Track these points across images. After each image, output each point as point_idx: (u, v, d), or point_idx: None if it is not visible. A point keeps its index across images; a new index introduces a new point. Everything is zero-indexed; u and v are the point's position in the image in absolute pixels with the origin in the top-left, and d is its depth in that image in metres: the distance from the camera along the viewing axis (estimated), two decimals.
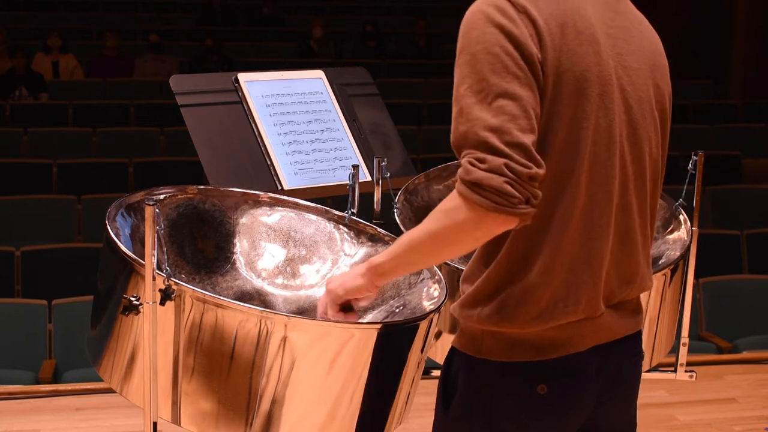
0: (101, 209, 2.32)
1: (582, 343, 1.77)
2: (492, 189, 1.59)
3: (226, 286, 2.43)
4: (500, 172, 1.59)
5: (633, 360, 1.90)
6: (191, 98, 2.88)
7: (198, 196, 2.49)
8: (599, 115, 1.71)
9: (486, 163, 1.60)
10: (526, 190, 1.61)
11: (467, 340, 1.81)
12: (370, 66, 3.73)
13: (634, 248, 1.82)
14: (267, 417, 1.97)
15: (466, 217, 1.63)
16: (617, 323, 1.83)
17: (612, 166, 1.74)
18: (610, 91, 1.73)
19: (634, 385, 1.92)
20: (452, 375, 1.84)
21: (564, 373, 1.77)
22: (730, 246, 6.04)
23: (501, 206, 1.60)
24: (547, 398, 1.76)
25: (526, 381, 1.76)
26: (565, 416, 1.80)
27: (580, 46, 1.69)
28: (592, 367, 1.79)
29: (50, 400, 3.81)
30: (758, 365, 4.36)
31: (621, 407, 1.90)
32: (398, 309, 2.31)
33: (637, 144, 1.78)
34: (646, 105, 1.80)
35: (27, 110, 8.77)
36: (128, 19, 12.25)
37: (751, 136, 8.98)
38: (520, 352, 1.75)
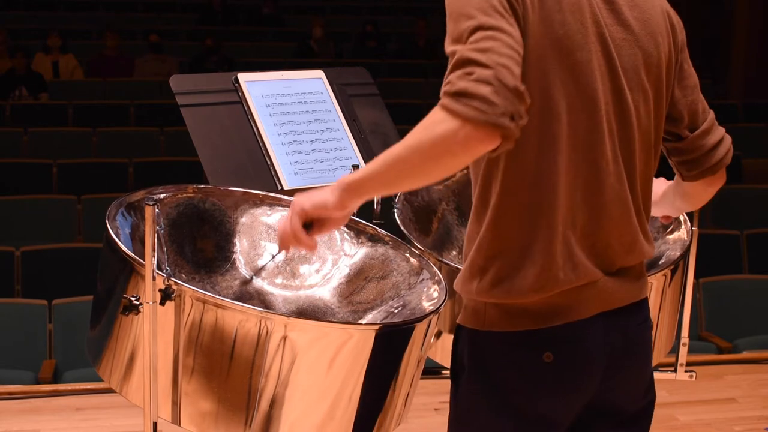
0: (101, 209, 2.32)
1: (586, 310, 1.77)
2: (477, 96, 1.54)
3: (226, 286, 2.43)
4: (487, 81, 1.54)
5: (640, 327, 1.88)
6: (191, 98, 2.88)
7: (198, 195, 2.49)
8: (579, 82, 1.71)
9: (474, 74, 1.55)
10: (511, 104, 1.55)
11: (470, 314, 1.81)
12: (370, 66, 3.73)
13: (629, 215, 1.81)
14: (266, 417, 1.98)
15: (448, 128, 1.57)
16: (620, 290, 1.82)
17: (598, 133, 1.74)
18: (593, 59, 1.72)
19: (644, 355, 1.90)
20: (459, 352, 1.84)
21: (569, 341, 1.76)
22: (730, 246, 6.04)
23: (484, 113, 1.53)
24: (554, 366, 1.75)
25: (532, 350, 1.76)
26: (574, 385, 1.79)
27: (559, 12, 1.69)
28: (598, 334, 1.78)
29: (50, 400, 3.81)
30: (758, 365, 4.36)
31: (632, 379, 1.88)
32: (397, 310, 2.32)
33: (624, 113, 1.78)
34: (634, 74, 1.79)
35: (27, 110, 8.77)
36: (128, 19, 12.25)
37: (751, 136, 8.97)
38: (524, 321, 1.75)
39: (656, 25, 1.84)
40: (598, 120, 1.74)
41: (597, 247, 1.78)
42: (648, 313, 1.93)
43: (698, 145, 1.94)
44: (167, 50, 10.40)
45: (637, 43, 1.80)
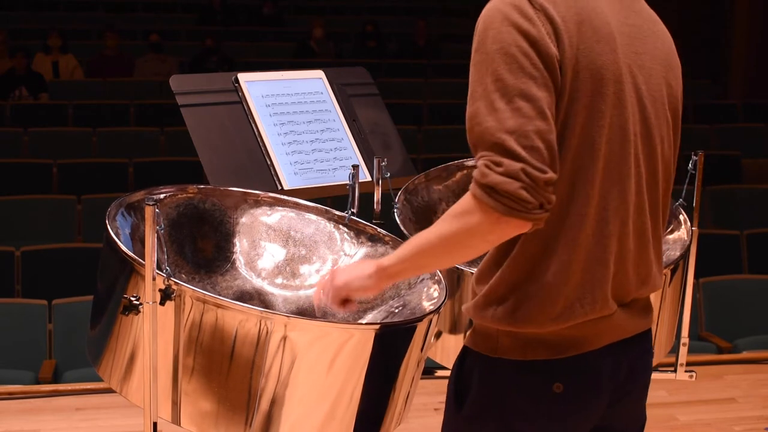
0: (101, 209, 2.32)
1: (598, 342, 1.77)
2: (507, 194, 1.59)
3: (226, 286, 2.43)
4: (516, 176, 1.59)
5: (644, 357, 1.90)
6: (191, 98, 2.88)
7: (198, 195, 2.49)
8: (614, 114, 1.71)
9: (502, 167, 1.60)
10: (541, 195, 1.61)
11: (481, 339, 1.80)
12: (370, 66, 3.73)
13: (647, 247, 1.82)
14: (266, 417, 1.98)
15: (480, 221, 1.63)
16: (629, 321, 1.83)
17: (626, 165, 1.74)
18: (625, 90, 1.73)
19: (645, 382, 1.92)
20: (465, 374, 1.84)
21: (580, 372, 1.76)
22: (730, 246, 6.04)
23: (516, 211, 1.60)
24: (563, 397, 1.75)
25: (543, 380, 1.75)
26: (581, 415, 1.79)
27: (597, 43, 1.69)
28: (607, 365, 1.79)
29: (50, 400, 3.81)
30: (758, 365, 4.36)
31: (633, 406, 1.90)
32: (398, 309, 2.31)
33: (650, 143, 1.79)
34: (660, 104, 1.80)
35: (27, 110, 8.76)
36: (128, 19, 12.24)
37: (751, 136, 8.97)
38: (537, 350, 1.75)
39: (673, 55, 1.86)
40: (628, 150, 1.74)
41: (617, 280, 1.78)
42: (651, 345, 1.95)
43: None
44: (167, 50, 10.39)
45: (662, 73, 1.81)
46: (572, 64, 1.66)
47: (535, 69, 1.63)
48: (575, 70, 1.67)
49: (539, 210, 1.61)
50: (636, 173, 1.76)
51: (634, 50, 1.76)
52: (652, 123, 1.78)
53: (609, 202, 1.73)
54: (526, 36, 1.63)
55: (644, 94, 1.77)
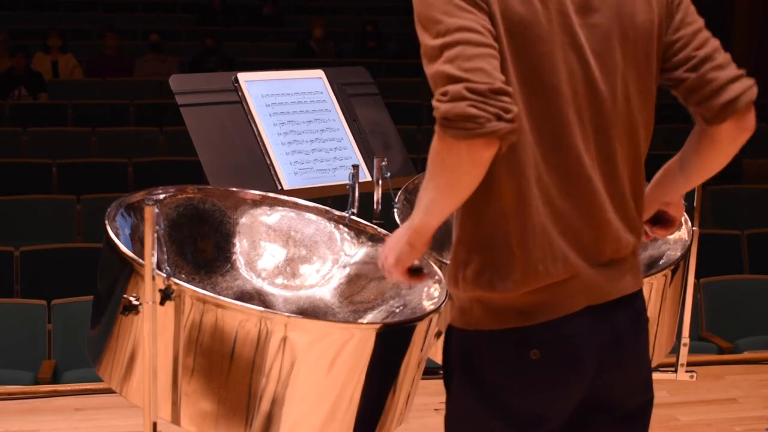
0: (101, 209, 2.32)
1: (571, 305, 1.75)
2: (458, 117, 1.58)
3: (226, 286, 2.43)
4: (460, 96, 1.58)
5: (633, 322, 1.86)
6: (191, 98, 2.88)
7: (198, 195, 2.49)
8: (543, 75, 1.70)
9: (447, 94, 1.59)
10: (492, 105, 1.57)
11: (459, 314, 1.81)
12: (370, 66, 3.73)
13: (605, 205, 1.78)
14: (267, 417, 1.97)
15: (448, 154, 1.62)
16: (608, 283, 1.80)
17: (565, 124, 1.72)
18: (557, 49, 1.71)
19: (638, 349, 1.88)
20: (450, 352, 1.84)
21: (555, 337, 1.75)
22: (730, 246, 6.04)
23: (472, 130, 1.57)
24: (542, 363, 1.74)
25: (518, 347, 1.75)
26: (564, 382, 1.78)
27: (523, 4, 1.69)
28: (586, 330, 1.77)
29: (50, 400, 3.80)
30: (759, 365, 4.35)
31: (628, 374, 1.86)
32: (398, 309, 2.31)
33: (596, 100, 1.76)
34: (609, 59, 1.76)
35: (27, 110, 8.76)
36: (128, 19, 12.24)
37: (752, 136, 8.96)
38: (509, 318, 1.75)
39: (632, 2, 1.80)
40: (564, 111, 1.72)
41: (578, 239, 1.76)
42: (642, 307, 1.90)
43: (710, 78, 1.82)
44: (167, 50, 10.39)
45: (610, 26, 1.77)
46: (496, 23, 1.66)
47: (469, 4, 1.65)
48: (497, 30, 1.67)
49: (497, 121, 1.58)
50: (581, 133, 1.74)
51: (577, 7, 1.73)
52: (599, 80, 1.75)
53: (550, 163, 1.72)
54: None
55: (587, 52, 1.74)
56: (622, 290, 1.84)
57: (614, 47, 1.78)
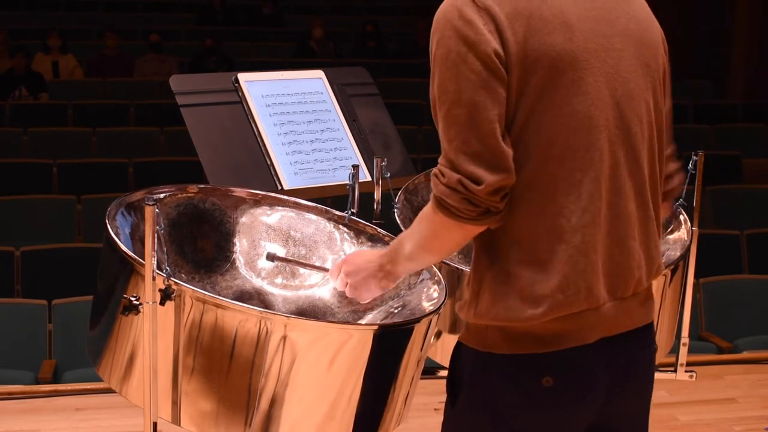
0: (101, 209, 2.32)
1: (587, 336, 1.75)
2: (450, 207, 1.70)
3: (226, 286, 2.43)
4: (455, 188, 1.68)
5: (645, 353, 1.88)
6: (191, 98, 2.88)
7: (198, 195, 2.49)
8: (575, 102, 1.70)
9: (445, 177, 1.70)
10: (484, 203, 1.68)
11: (472, 334, 1.81)
12: (370, 66, 3.73)
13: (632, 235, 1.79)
14: (266, 416, 1.97)
15: (437, 226, 1.76)
16: (624, 314, 1.80)
17: (596, 151, 1.72)
18: (586, 77, 1.71)
19: (647, 379, 1.90)
20: (459, 370, 1.84)
21: (570, 366, 1.75)
22: (730, 246, 6.03)
23: (462, 218, 1.70)
24: (553, 391, 1.75)
25: (531, 374, 1.75)
26: (573, 410, 1.78)
27: (549, 35, 1.69)
28: (600, 360, 1.77)
29: (50, 400, 3.81)
30: (758, 365, 4.36)
31: (635, 403, 1.88)
32: (397, 310, 2.31)
33: (624, 127, 1.76)
34: (634, 86, 1.78)
35: (27, 110, 8.76)
36: (128, 19, 12.25)
37: (751, 136, 8.97)
38: (525, 344, 1.74)
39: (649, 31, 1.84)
40: (595, 136, 1.73)
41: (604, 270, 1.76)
42: (653, 338, 1.92)
43: None
44: (167, 50, 10.40)
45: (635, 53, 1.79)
46: (520, 60, 1.67)
47: (475, 74, 1.67)
48: (524, 65, 1.67)
49: (486, 215, 1.69)
50: (611, 159, 1.74)
51: (601, 34, 1.75)
52: (626, 107, 1.76)
53: (582, 191, 1.72)
54: (466, 41, 1.67)
55: (614, 78, 1.75)
56: (637, 322, 1.85)
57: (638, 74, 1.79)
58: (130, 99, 8.99)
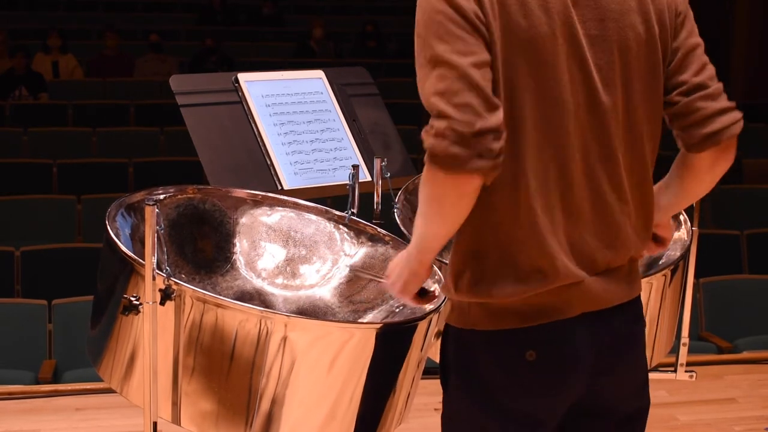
0: (101, 209, 2.32)
1: (568, 310, 1.76)
2: (441, 153, 1.64)
3: (226, 286, 2.43)
4: (443, 135, 1.64)
5: (631, 327, 1.87)
6: (191, 98, 2.88)
7: (198, 196, 2.49)
8: (546, 85, 1.71)
9: (433, 128, 1.65)
10: (475, 146, 1.63)
11: (456, 313, 1.82)
12: (370, 66, 3.73)
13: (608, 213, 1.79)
14: (267, 417, 1.97)
15: (434, 185, 1.70)
16: (608, 290, 1.81)
17: (565, 134, 1.74)
18: (560, 60, 1.72)
19: (635, 354, 1.89)
20: (447, 351, 1.85)
21: (552, 340, 1.76)
22: (730, 246, 6.04)
23: (454, 166, 1.64)
24: (537, 365, 1.75)
25: (514, 348, 1.76)
26: (558, 384, 1.79)
27: (524, 18, 1.70)
28: (583, 334, 1.78)
29: (50, 400, 3.81)
30: (758, 365, 4.36)
31: (623, 379, 1.87)
32: (398, 309, 2.32)
33: (597, 110, 1.76)
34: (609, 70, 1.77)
35: (27, 110, 8.76)
36: (128, 19, 12.24)
37: (751, 136, 8.96)
38: (507, 319, 1.75)
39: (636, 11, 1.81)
40: (566, 121, 1.74)
41: (577, 247, 1.77)
42: (640, 312, 1.91)
43: (697, 107, 1.85)
44: (167, 50, 10.40)
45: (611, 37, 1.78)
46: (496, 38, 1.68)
47: (462, 30, 1.67)
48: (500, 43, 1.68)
49: (478, 160, 1.63)
50: (581, 142, 1.75)
51: (581, 18, 1.74)
52: (600, 91, 1.76)
53: (549, 173, 1.73)
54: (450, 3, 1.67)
55: (590, 63, 1.75)
56: (620, 298, 1.85)
57: (616, 58, 1.78)
58: (130, 99, 8.99)
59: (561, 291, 1.76)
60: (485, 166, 1.64)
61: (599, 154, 1.78)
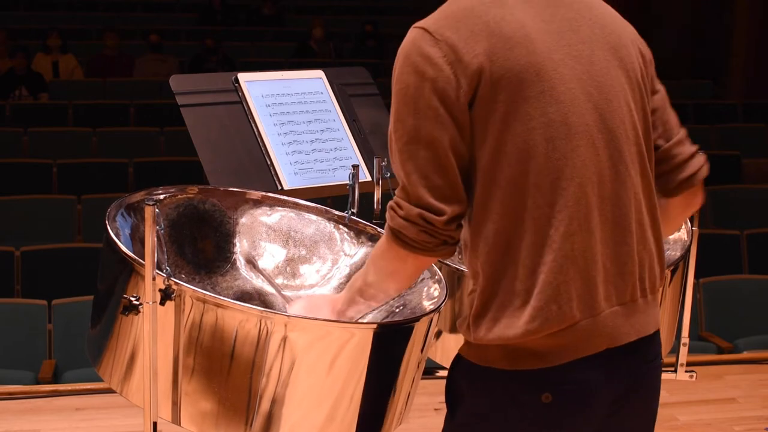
0: (101, 209, 2.32)
1: (586, 348, 1.73)
2: (408, 239, 1.75)
3: (226, 286, 2.43)
4: (414, 221, 1.73)
5: (649, 366, 1.84)
6: (191, 98, 2.88)
7: (198, 195, 2.49)
8: (548, 111, 1.70)
9: (403, 210, 1.75)
10: (441, 235, 1.73)
11: (473, 350, 1.80)
12: (369, 66, 3.73)
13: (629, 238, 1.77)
14: (267, 417, 1.97)
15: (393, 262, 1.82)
16: (626, 324, 1.77)
17: (578, 158, 1.71)
18: (557, 86, 1.71)
19: (651, 394, 1.86)
20: (457, 382, 1.84)
21: (569, 381, 1.73)
22: (730, 246, 6.04)
23: (420, 250, 1.75)
24: (552, 407, 1.73)
25: (530, 389, 1.74)
26: (572, 426, 1.77)
27: (511, 50, 1.70)
28: (601, 374, 1.75)
29: (50, 400, 3.81)
30: (758, 365, 4.36)
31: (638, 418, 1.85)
32: (398, 309, 2.31)
33: (607, 129, 1.75)
34: (610, 89, 1.77)
35: (27, 110, 8.77)
36: (128, 19, 12.25)
37: (751, 136, 8.97)
38: (525, 360, 1.73)
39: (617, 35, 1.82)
40: (576, 143, 1.72)
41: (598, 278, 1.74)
42: (659, 350, 1.88)
43: (674, 154, 1.89)
44: (167, 50, 10.40)
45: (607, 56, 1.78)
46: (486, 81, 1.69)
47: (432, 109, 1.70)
48: (491, 83, 1.69)
49: (442, 246, 1.75)
50: (595, 164, 1.73)
51: (565, 43, 1.75)
52: (605, 109, 1.75)
53: (567, 200, 1.70)
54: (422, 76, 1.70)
55: (588, 83, 1.75)
56: (640, 331, 1.81)
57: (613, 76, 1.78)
58: (130, 99, 8.99)
59: (578, 328, 1.72)
60: (447, 252, 1.77)
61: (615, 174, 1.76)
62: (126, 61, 10.10)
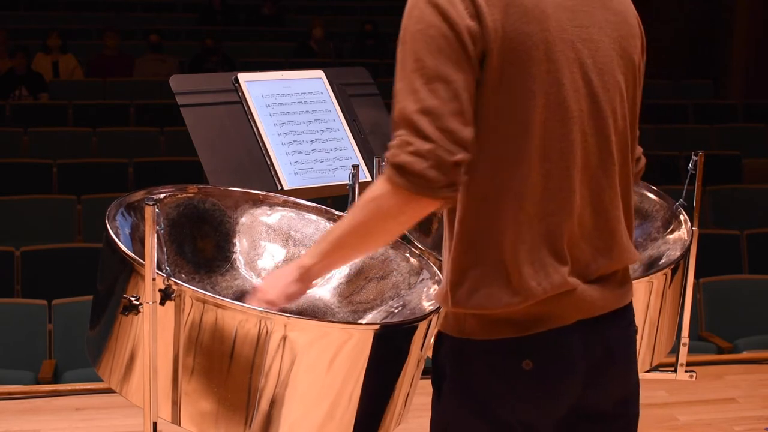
0: (101, 209, 2.32)
1: (564, 318, 1.77)
2: (416, 173, 1.64)
3: (226, 286, 2.43)
4: (424, 156, 1.63)
5: (623, 333, 1.89)
6: (191, 98, 2.88)
7: (198, 195, 2.49)
8: (549, 92, 1.71)
9: (413, 146, 1.64)
10: (450, 176, 1.64)
11: (450, 322, 1.81)
12: (370, 66, 3.73)
13: (606, 220, 1.81)
14: (266, 417, 1.98)
15: (391, 201, 1.69)
16: (601, 298, 1.82)
17: (570, 141, 1.74)
18: (562, 67, 1.72)
19: (627, 361, 1.90)
20: (441, 359, 1.85)
21: (548, 348, 1.76)
22: (730, 246, 6.04)
23: (424, 189, 1.65)
24: (534, 374, 1.75)
25: (511, 357, 1.76)
26: (554, 392, 1.79)
27: (526, 24, 1.69)
28: (578, 342, 1.79)
29: (50, 400, 3.81)
30: (758, 365, 4.36)
31: (615, 385, 1.87)
32: (397, 309, 2.31)
33: (599, 117, 1.77)
34: (609, 76, 1.79)
35: (27, 110, 8.77)
36: (128, 19, 12.24)
37: (751, 136, 8.97)
38: (503, 329, 1.75)
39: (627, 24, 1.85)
40: (570, 126, 1.74)
41: (573, 255, 1.78)
42: (632, 318, 1.92)
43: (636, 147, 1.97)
44: (167, 50, 10.40)
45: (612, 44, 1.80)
46: (497, 47, 1.67)
47: (454, 50, 1.66)
48: (501, 53, 1.67)
49: (447, 189, 1.65)
50: (583, 148, 1.76)
51: (578, 24, 1.75)
52: (600, 97, 1.77)
53: (551, 180, 1.73)
54: (445, 17, 1.66)
55: (590, 69, 1.76)
56: (614, 304, 1.85)
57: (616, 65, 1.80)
58: (130, 99, 8.99)
59: (557, 299, 1.75)
60: (451, 197, 1.68)
61: (599, 161, 1.79)
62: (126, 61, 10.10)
